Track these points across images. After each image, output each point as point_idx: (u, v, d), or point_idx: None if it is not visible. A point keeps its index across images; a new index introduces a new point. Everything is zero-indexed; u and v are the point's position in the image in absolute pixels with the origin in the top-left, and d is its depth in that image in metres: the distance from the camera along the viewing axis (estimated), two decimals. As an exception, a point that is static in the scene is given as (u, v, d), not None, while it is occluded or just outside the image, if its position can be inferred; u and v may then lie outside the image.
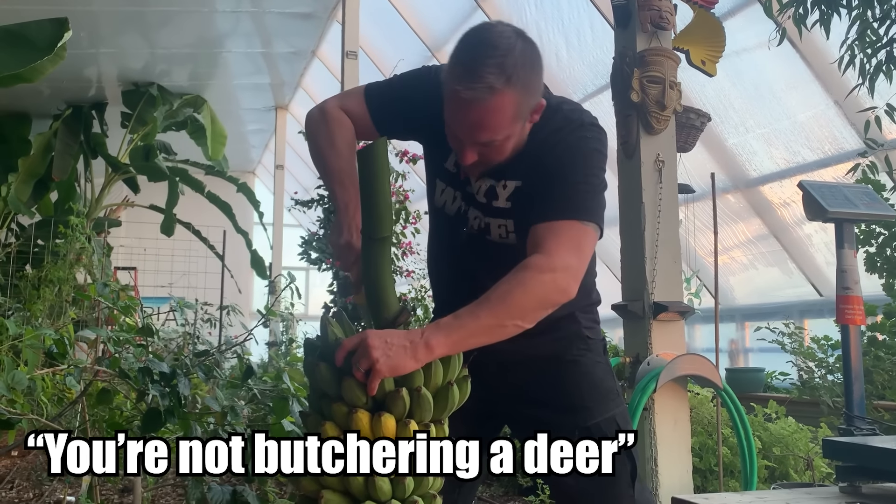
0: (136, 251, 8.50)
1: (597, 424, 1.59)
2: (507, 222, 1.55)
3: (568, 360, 1.64)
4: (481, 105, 1.36)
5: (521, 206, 1.52)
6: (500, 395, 1.67)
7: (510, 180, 1.53)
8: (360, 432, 1.21)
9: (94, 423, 3.22)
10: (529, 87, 1.40)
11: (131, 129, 8.35)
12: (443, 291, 1.76)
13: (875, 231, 4.52)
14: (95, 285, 2.49)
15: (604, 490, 1.56)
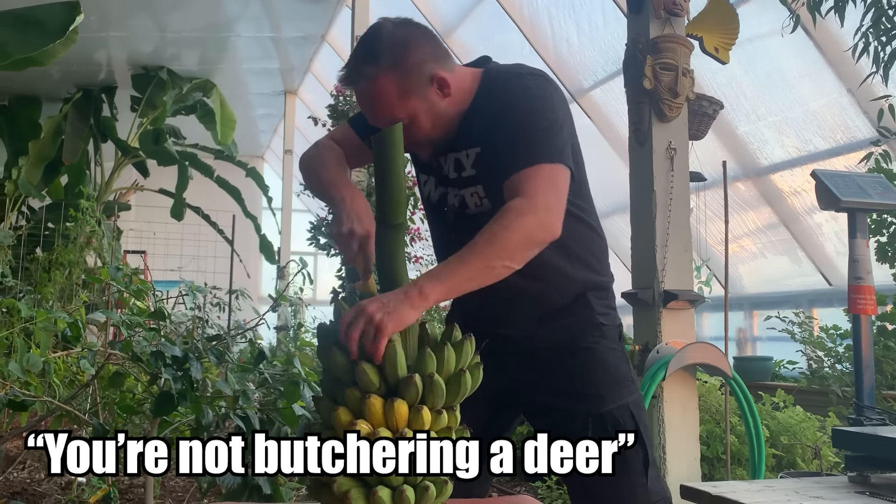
0: (146, 235, 8.53)
1: (609, 412, 1.59)
2: (477, 188, 1.59)
3: (582, 347, 1.64)
4: (364, 93, 1.50)
5: (486, 170, 1.57)
6: (515, 384, 1.67)
7: (470, 148, 1.58)
8: (372, 417, 1.21)
9: (105, 405, 3.25)
10: (405, 65, 1.48)
11: (141, 112, 8.36)
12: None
13: (887, 220, 4.50)
14: (107, 269, 2.50)
15: (617, 477, 1.56)
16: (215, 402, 2.27)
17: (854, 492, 1.83)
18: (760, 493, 1.81)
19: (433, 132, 1.55)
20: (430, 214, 1.75)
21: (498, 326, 1.64)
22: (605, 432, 1.57)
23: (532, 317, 1.65)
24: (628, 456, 1.57)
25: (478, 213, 1.58)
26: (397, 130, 1.30)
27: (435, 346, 1.30)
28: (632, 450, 1.57)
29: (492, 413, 1.69)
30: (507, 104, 1.52)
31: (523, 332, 1.65)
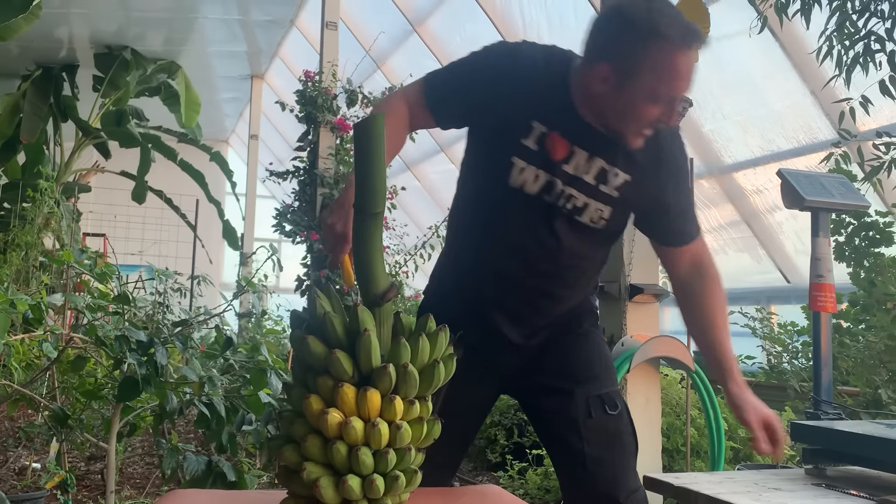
0: (107, 217, 8.37)
1: (607, 394, 1.64)
2: (606, 209, 1.58)
3: (580, 332, 1.71)
4: (694, 62, 1.45)
5: (625, 200, 1.58)
6: (512, 369, 1.71)
7: (621, 171, 1.56)
8: (345, 406, 1.21)
9: (63, 390, 3.19)
10: None
11: (103, 93, 8.18)
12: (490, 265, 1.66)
13: (845, 220, 4.60)
14: (70, 251, 2.45)
15: (614, 457, 1.61)
16: (180, 388, 2.24)
17: (811, 483, 1.88)
18: (721, 484, 1.85)
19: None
20: (510, 200, 1.60)
21: (508, 323, 1.66)
22: (604, 414, 1.62)
23: (545, 315, 1.69)
24: (625, 439, 1.63)
25: (587, 225, 1.60)
26: (379, 118, 1.29)
27: (409, 336, 1.29)
28: (627, 434, 1.64)
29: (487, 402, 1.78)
30: (675, 165, 1.62)
31: (528, 334, 1.69)
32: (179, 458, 2.07)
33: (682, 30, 1.41)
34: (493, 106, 1.56)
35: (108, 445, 2.27)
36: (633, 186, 1.57)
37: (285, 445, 1.25)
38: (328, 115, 6.32)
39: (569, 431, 1.62)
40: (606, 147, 1.54)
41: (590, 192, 1.56)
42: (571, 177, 1.55)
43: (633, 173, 1.57)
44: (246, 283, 2.64)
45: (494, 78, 1.56)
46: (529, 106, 1.54)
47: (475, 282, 1.66)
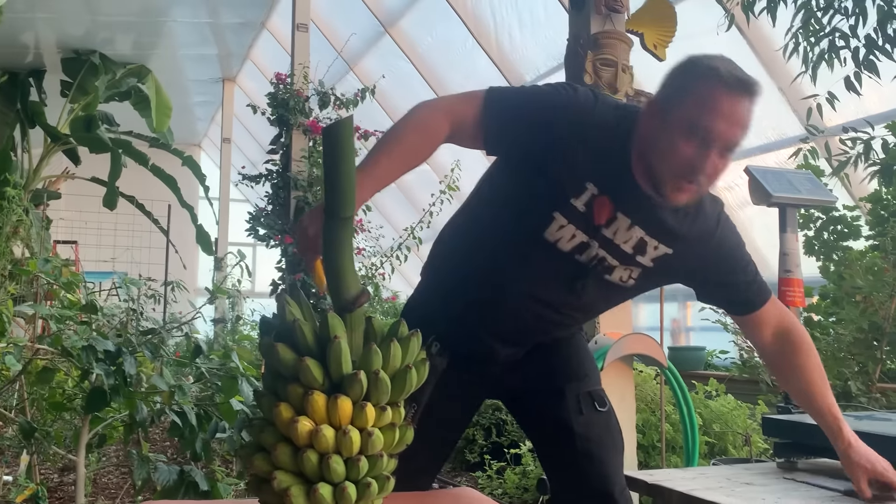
0: (77, 224, 8.26)
1: (596, 391, 1.66)
2: (636, 271, 1.57)
3: (566, 335, 1.72)
4: (753, 99, 1.41)
5: (660, 268, 1.58)
6: (498, 376, 1.70)
7: (662, 244, 1.54)
8: (315, 414, 1.20)
9: (33, 402, 3.14)
10: None
11: (72, 98, 8.06)
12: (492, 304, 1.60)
13: (814, 215, 4.67)
14: (35, 260, 2.41)
15: (606, 453, 1.62)
16: (150, 398, 2.22)
17: (782, 477, 1.90)
18: (694, 479, 1.86)
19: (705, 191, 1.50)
20: (539, 251, 1.53)
21: (501, 345, 1.65)
22: (594, 410, 1.64)
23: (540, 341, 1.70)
24: (615, 435, 1.65)
25: (615, 283, 1.58)
26: (348, 122, 1.28)
27: (381, 342, 1.29)
28: (617, 431, 1.66)
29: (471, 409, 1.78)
30: (722, 243, 1.63)
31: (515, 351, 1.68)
32: (150, 468, 2.05)
33: (738, 76, 1.39)
34: (557, 159, 1.47)
35: (77, 457, 2.24)
36: (672, 259, 1.56)
37: (256, 454, 1.23)
38: (300, 117, 6.29)
39: (561, 429, 1.63)
40: (650, 218, 1.51)
41: (626, 260, 1.54)
42: (609, 242, 1.51)
43: (675, 247, 1.55)
44: (216, 289, 2.61)
45: (567, 133, 1.47)
46: (589, 166, 1.48)
47: (472, 307, 1.60)
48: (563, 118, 1.48)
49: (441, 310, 1.63)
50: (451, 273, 1.66)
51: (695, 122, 1.37)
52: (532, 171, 1.50)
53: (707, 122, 1.37)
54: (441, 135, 1.48)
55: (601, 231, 1.49)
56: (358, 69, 8.48)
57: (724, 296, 1.72)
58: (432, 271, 1.72)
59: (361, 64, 8.42)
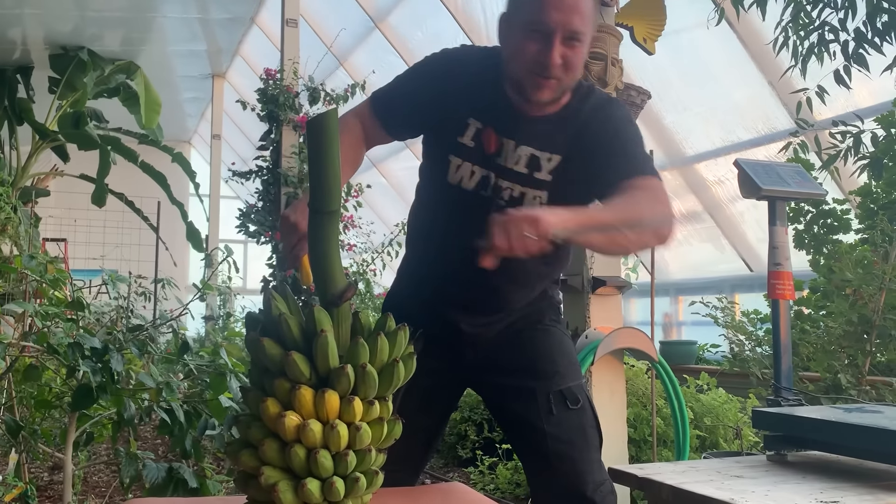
0: (66, 222, 8.21)
1: (569, 388, 1.64)
2: (542, 194, 1.58)
3: (540, 328, 1.70)
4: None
5: (561, 181, 1.56)
6: (473, 362, 1.70)
7: (554, 154, 1.56)
8: (302, 409, 1.19)
9: (20, 400, 3.11)
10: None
11: (60, 94, 8.00)
12: (432, 267, 1.72)
13: (804, 209, 4.68)
14: (21, 257, 2.39)
15: (579, 453, 1.61)
16: (137, 395, 2.20)
17: (772, 470, 1.90)
18: (685, 473, 1.86)
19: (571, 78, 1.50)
20: (451, 197, 1.64)
21: (465, 316, 1.67)
22: (566, 409, 1.62)
23: (495, 315, 1.69)
24: (588, 433, 1.63)
25: None
26: (332, 115, 1.27)
27: (368, 336, 1.28)
28: (590, 427, 1.64)
29: (445, 394, 1.75)
30: (612, 124, 1.56)
31: (486, 324, 1.68)
32: (139, 466, 2.03)
33: None
34: (431, 108, 1.60)
35: (64, 455, 2.22)
36: (568, 165, 1.57)
37: (243, 450, 1.22)
38: (290, 113, 6.26)
39: (531, 429, 1.63)
40: (534, 134, 1.56)
41: (524, 180, 1.58)
42: (504, 168, 1.58)
43: (567, 153, 1.56)
44: (204, 286, 2.60)
45: (430, 81, 1.61)
46: (465, 104, 1.58)
47: (428, 279, 1.71)
48: (431, 75, 1.62)
49: (408, 293, 1.75)
50: (411, 255, 1.78)
51: (531, 19, 1.44)
52: (427, 132, 1.66)
53: (541, 15, 1.42)
54: (358, 131, 1.63)
55: (494, 160, 1.57)
56: (348, 64, 8.45)
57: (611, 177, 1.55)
58: (403, 261, 1.84)
59: (351, 59, 8.40)
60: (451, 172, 1.62)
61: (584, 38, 1.45)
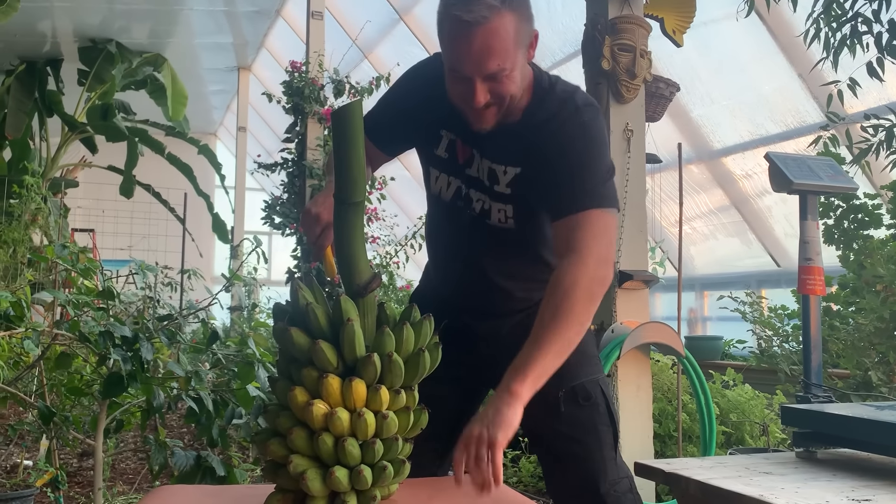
0: (95, 213, 8.32)
1: (581, 385, 1.60)
2: (507, 207, 1.55)
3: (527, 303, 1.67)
4: (484, 27, 1.35)
5: (521, 193, 1.53)
6: (485, 360, 1.67)
7: (510, 166, 1.53)
8: (330, 397, 1.20)
9: (51, 387, 3.16)
10: (525, 10, 1.42)
11: (89, 87, 8.10)
12: (440, 272, 1.76)
13: (834, 203, 4.60)
14: (53, 246, 2.42)
15: (590, 451, 1.58)
16: (167, 384, 2.23)
17: (801, 467, 1.88)
18: (712, 469, 1.84)
19: (517, 94, 1.46)
20: (438, 208, 1.69)
21: (476, 316, 1.67)
22: (576, 405, 1.59)
23: (508, 312, 1.67)
24: (601, 430, 1.59)
25: (500, 229, 1.58)
26: (356, 106, 1.27)
27: (394, 326, 1.28)
28: (603, 424, 1.60)
29: (460, 390, 1.70)
30: (563, 137, 1.47)
31: (497, 322, 1.67)
32: (168, 454, 2.06)
33: (462, 9, 1.37)
34: (407, 120, 1.60)
35: (95, 442, 2.25)
36: (524, 177, 1.52)
37: (271, 439, 1.23)
38: (315, 105, 6.28)
39: (541, 427, 1.60)
40: (491, 147, 1.53)
41: (488, 193, 1.56)
42: (472, 179, 1.57)
43: (524, 165, 1.52)
44: (232, 276, 2.62)
45: (404, 94, 1.62)
46: (434, 114, 1.56)
47: (437, 285, 1.74)
48: (405, 88, 1.63)
49: (429, 289, 1.77)
50: (429, 257, 1.81)
51: (451, 66, 1.43)
52: (415, 145, 1.67)
53: (457, 64, 1.41)
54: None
55: (465, 171, 1.57)
56: (373, 57, 8.46)
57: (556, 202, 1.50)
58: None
59: (376, 52, 8.40)
60: (433, 184, 1.65)
61: (506, 71, 1.40)
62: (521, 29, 1.40)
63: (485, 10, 1.34)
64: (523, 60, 1.44)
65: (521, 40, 1.40)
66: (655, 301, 7.11)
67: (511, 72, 1.41)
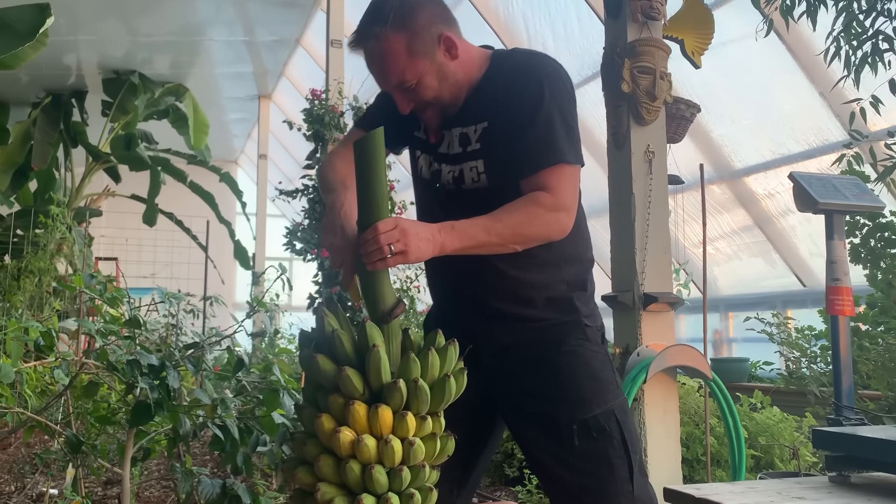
0: (118, 241, 8.42)
1: (594, 417, 1.55)
2: (478, 163, 1.58)
3: (565, 349, 1.61)
4: (374, 53, 1.51)
5: (491, 145, 1.57)
6: (497, 386, 1.64)
7: (478, 123, 1.59)
8: (356, 424, 1.19)
9: (78, 415, 3.18)
10: (414, 24, 1.50)
11: (112, 117, 8.25)
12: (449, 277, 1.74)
13: (860, 222, 4.55)
14: (80, 276, 2.45)
15: (603, 484, 1.54)
16: (192, 411, 2.23)
17: (835, 492, 1.84)
18: (743, 494, 1.81)
19: (441, 92, 1.55)
20: (419, 189, 1.75)
21: (476, 314, 1.63)
22: (590, 439, 1.54)
23: (512, 305, 1.62)
24: (614, 463, 1.55)
25: (474, 189, 1.59)
26: (378, 135, 1.29)
27: (419, 352, 1.28)
28: (618, 457, 1.55)
29: (474, 419, 1.65)
30: (528, 95, 1.53)
31: (508, 331, 1.63)
32: (194, 482, 2.06)
33: (355, 34, 1.54)
34: (393, 108, 1.65)
35: (122, 470, 2.26)
36: (492, 131, 1.57)
37: (298, 467, 1.23)
38: (335, 132, 6.33)
39: (553, 459, 1.57)
40: (459, 114, 1.60)
41: (459, 159, 1.61)
42: (445, 155, 1.63)
43: (489, 119, 1.58)
44: (256, 303, 2.63)
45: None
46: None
47: (442, 288, 1.75)
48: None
49: (435, 304, 1.79)
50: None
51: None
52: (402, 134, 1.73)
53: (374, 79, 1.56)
54: (345, 150, 1.67)
55: (436, 149, 1.64)
56: (392, 84, 8.52)
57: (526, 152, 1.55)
58: None
59: (395, 78, 8.46)
60: (418, 165, 1.72)
61: (409, 83, 1.51)
62: (413, 42, 1.50)
63: (370, 39, 1.50)
64: (434, 65, 1.53)
65: (417, 51, 1.50)
66: (680, 323, 7.04)
67: (420, 80, 1.52)
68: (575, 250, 1.66)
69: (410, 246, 1.32)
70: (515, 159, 1.54)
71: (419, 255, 1.34)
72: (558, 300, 1.63)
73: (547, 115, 1.52)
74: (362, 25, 1.52)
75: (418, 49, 1.50)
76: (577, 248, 1.67)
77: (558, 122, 1.53)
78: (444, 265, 1.54)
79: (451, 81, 1.56)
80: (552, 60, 1.61)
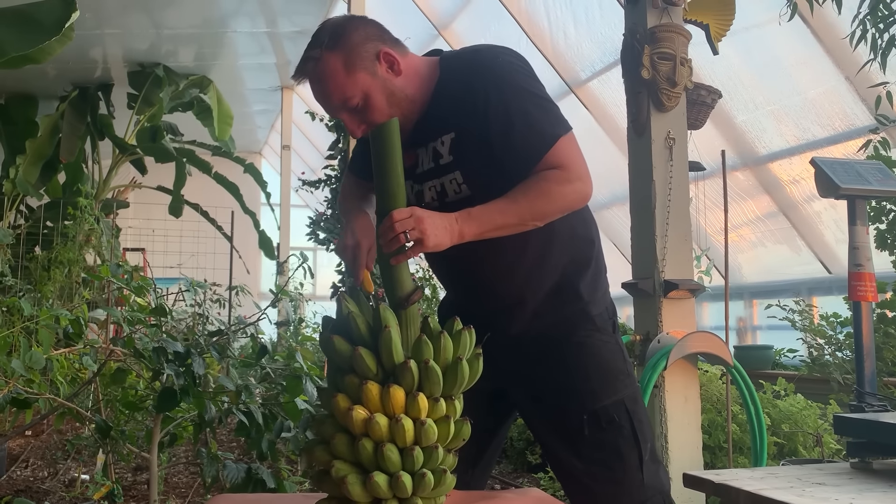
0: (145, 232, 8.53)
1: (604, 408, 1.57)
2: (455, 174, 1.57)
3: (574, 341, 1.62)
4: (315, 75, 1.53)
5: (463, 154, 1.55)
6: (506, 375, 1.66)
7: (444, 134, 1.57)
8: (369, 403, 1.22)
9: (107, 402, 3.25)
10: (349, 42, 1.51)
11: (138, 110, 8.34)
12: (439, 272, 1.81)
13: (886, 208, 4.49)
14: (108, 266, 2.50)
15: (612, 473, 1.56)
16: (217, 398, 2.27)
17: (856, 478, 1.83)
18: (763, 479, 1.81)
19: (393, 111, 1.53)
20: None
21: (486, 300, 1.65)
22: (600, 429, 1.57)
23: (520, 290, 1.63)
24: (624, 452, 1.57)
25: (457, 201, 1.57)
26: (393, 124, 1.31)
27: (432, 335, 1.30)
28: (627, 446, 1.57)
29: (486, 407, 1.67)
30: (493, 92, 1.50)
31: (516, 322, 1.64)
32: (219, 467, 2.10)
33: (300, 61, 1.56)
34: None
35: (150, 455, 2.31)
36: (460, 137, 1.55)
37: (316, 446, 1.26)
38: (357, 122, 6.35)
39: (564, 450, 1.59)
40: (425, 129, 1.59)
41: (435, 173, 1.60)
42: (419, 175, 1.63)
43: (454, 128, 1.55)
44: (279, 291, 2.67)
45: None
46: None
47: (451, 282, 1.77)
48: None
49: (448, 295, 1.82)
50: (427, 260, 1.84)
51: None
52: None
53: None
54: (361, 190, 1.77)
55: (414, 172, 1.63)
56: (413, 73, 8.52)
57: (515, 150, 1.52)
58: None
59: (416, 68, 8.46)
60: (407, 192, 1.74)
61: (353, 100, 1.51)
62: (350, 59, 1.50)
63: (309, 62, 1.53)
64: (378, 82, 1.52)
65: (355, 66, 1.50)
66: (703, 311, 7.00)
67: (367, 99, 1.51)
68: (573, 231, 1.65)
69: (427, 233, 1.33)
70: (508, 163, 1.50)
71: (437, 241, 1.35)
72: (560, 284, 1.63)
73: (517, 107, 1.49)
74: (303, 55, 1.55)
75: (356, 65, 1.50)
76: (576, 228, 1.66)
77: (530, 106, 1.50)
78: (441, 257, 1.56)
79: (399, 97, 1.54)
80: (496, 49, 1.59)
